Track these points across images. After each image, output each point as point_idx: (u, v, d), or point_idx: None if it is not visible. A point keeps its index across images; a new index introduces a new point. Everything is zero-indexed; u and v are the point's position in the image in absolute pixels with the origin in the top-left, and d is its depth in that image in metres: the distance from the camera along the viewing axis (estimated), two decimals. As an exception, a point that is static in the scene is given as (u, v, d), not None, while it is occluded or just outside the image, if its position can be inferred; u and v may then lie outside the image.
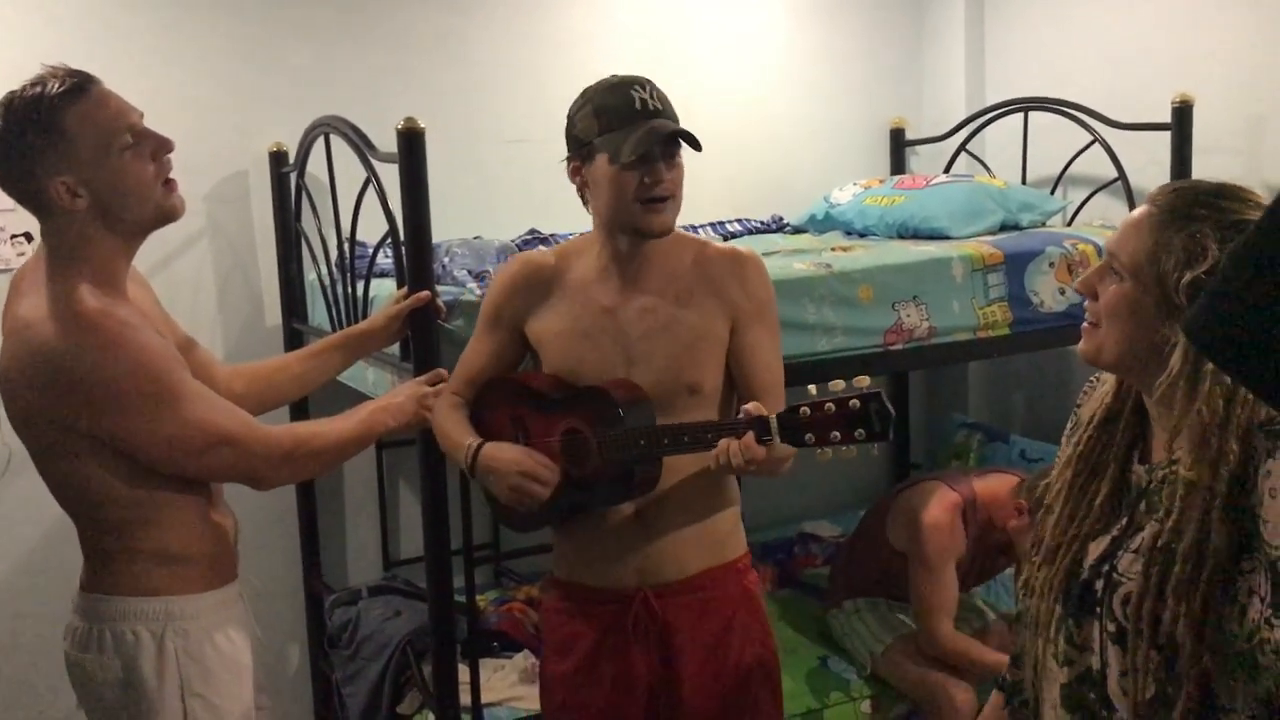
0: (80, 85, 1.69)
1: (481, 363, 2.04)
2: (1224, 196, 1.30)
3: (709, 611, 1.97)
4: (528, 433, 1.96)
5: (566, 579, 2.05)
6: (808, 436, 1.53)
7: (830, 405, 1.51)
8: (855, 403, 1.49)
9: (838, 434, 1.51)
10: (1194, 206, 1.30)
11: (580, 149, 1.89)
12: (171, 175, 1.78)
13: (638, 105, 1.84)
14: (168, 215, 1.79)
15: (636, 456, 1.81)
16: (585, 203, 1.95)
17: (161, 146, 1.76)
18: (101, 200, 1.70)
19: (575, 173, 1.93)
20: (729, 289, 1.93)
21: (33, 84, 1.68)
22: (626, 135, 1.82)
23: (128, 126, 1.72)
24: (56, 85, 1.67)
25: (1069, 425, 1.55)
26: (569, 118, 1.92)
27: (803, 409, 1.53)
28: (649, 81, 1.89)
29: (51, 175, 1.67)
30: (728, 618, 1.98)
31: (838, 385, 1.53)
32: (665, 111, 1.88)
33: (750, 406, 1.65)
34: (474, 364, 2.05)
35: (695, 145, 1.85)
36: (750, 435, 1.61)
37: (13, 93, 1.69)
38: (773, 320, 1.98)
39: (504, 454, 1.89)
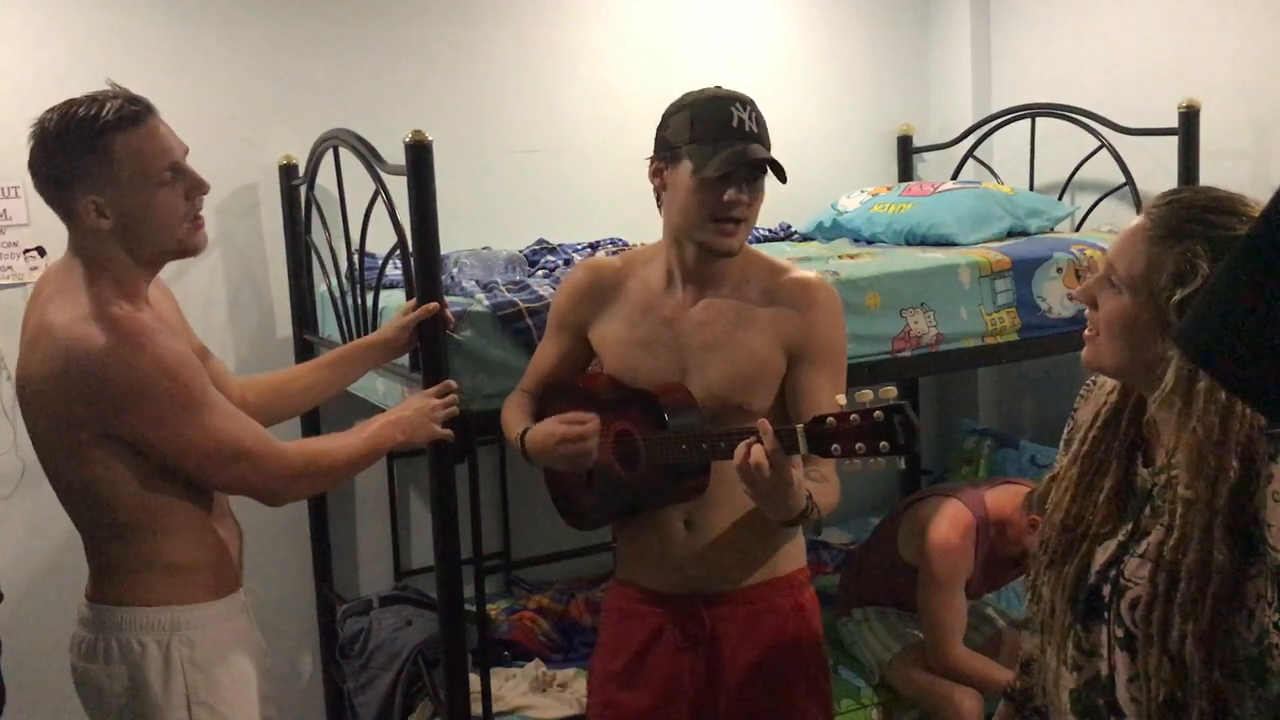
0: (137, 115, 1.72)
1: (550, 364, 2.08)
2: (1216, 210, 1.29)
3: (758, 625, 1.96)
4: None
5: (625, 579, 2.07)
6: (834, 447, 1.51)
7: (855, 417, 1.49)
8: (879, 414, 1.47)
9: (862, 445, 1.48)
10: (1186, 222, 1.29)
11: (667, 151, 1.87)
12: (201, 213, 1.81)
13: (735, 123, 1.82)
14: (188, 250, 1.83)
15: (679, 460, 1.80)
16: (659, 204, 1.93)
17: (196, 187, 1.79)
18: (126, 225, 1.73)
19: (656, 173, 1.91)
20: (792, 322, 1.89)
21: (92, 100, 1.71)
22: (716, 150, 1.80)
23: (169, 164, 1.74)
24: (114, 110, 1.69)
25: (1066, 430, 1.54)
26: (663, 117, 1.90)
27: (829, 420, 1.52)
28: (751, 102, 1.86)
29: (85, 193, 1.71)
30: (777, 633, 1.97)
31: (865, 396, 1.51)
32: (760, 136, 1.84)
33: (760, 422, 1.61)
34: (543, 365, 2.09)
35: (781, 177, 1.83)
36: (766, 441, 1.58)
37: (72, 103, 1.71)
38: (835, 358, 1.92)
39: (541, 429, 1.92)
